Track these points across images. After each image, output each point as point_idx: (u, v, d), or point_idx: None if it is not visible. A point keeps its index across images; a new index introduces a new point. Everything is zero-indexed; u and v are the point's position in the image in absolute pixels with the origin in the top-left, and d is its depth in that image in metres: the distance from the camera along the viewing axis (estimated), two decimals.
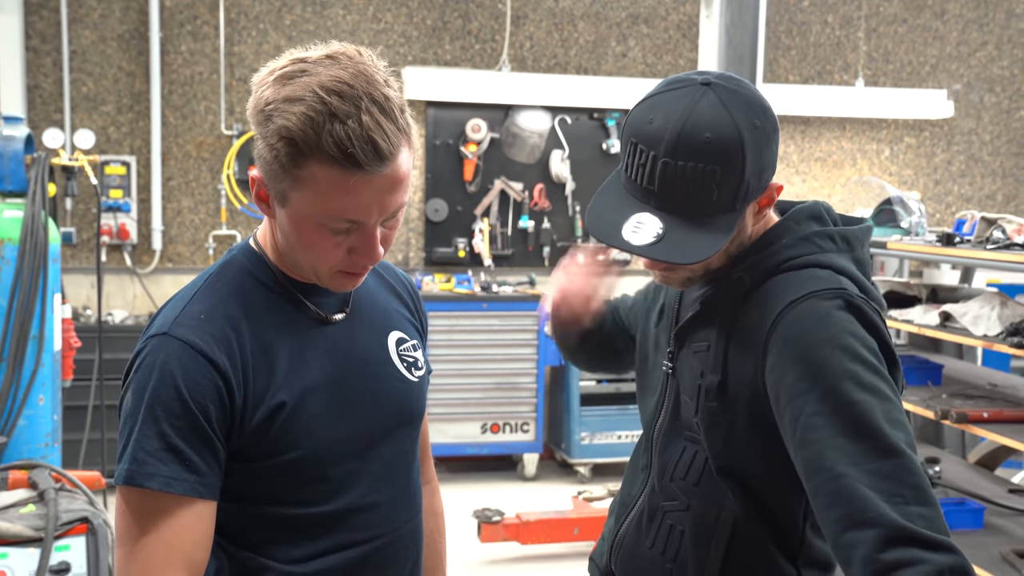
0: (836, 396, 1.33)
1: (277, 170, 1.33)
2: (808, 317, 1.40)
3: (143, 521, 1.34)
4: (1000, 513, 3.44)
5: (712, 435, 1.51)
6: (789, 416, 1.36)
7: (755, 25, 4.83)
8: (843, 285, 1.44)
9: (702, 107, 1.40)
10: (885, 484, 1.26)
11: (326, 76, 1.30)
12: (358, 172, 1.30)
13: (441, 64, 6.59)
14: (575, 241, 6.73)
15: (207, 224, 6.35)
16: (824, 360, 1.36)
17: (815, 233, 1.52)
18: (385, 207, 1.35)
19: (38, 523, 2.94)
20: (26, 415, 3.48)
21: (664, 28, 6.90)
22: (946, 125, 7.40)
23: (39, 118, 6.04)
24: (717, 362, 1.49)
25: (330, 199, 1.32)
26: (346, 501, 1.47)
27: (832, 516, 1.29)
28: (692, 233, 1.41)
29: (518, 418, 6.23)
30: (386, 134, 1.30)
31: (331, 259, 1.39)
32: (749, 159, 1.40)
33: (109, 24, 6.11)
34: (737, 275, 1.49)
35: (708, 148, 1.38)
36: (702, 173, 1.39)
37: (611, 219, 1.45)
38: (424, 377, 1.62)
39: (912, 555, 1.21)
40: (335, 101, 1.28)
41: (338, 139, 1.27)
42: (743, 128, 1.40)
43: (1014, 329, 3.25)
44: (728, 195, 1.41)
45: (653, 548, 1.58)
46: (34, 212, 3.52)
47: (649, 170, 1.41)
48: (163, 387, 1.34)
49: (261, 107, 1.33)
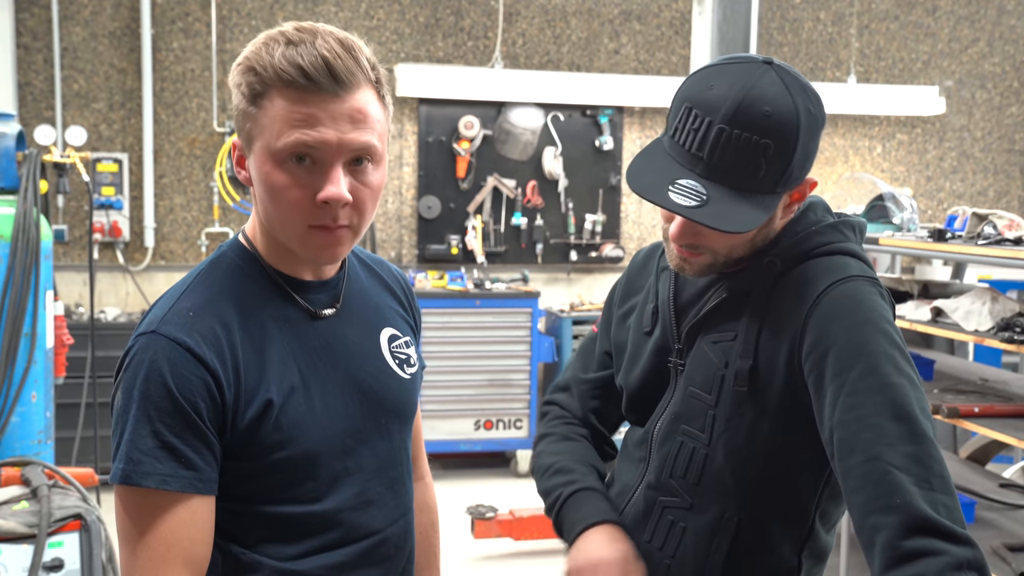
0: (877, 376, 1.35)
1: (243, 111, 1.36)
2: (849, 299, 1.42)
3: (141, 520, 1.34)
4: (991, 508, 3.45)
5: (735, 425, 1.49)
6: (830, 395, 1.37)
7: (747, 22, 4.84)
8: (875, 275, 1.48)
9: (764, 83, 1.41)
10: (916, 468, 1.28)
11: (292, 28, 1.36)
12: (312, 91, 1.31)
13: (434, 61, 6.59)
14: (568, 238, 6.74)
15: (199, 221, 6.34)
16: (866, 340, 1.37)
17: (841, 223, 1.54)
18: (345, 140, 1.34)
19: (31, 520, 2.94)
20: (19, 412, 3.47)
21: (656, 25, 6.90)
22: (938, 122, 7.42)
23: (30, 115, 6.02)
24: (748, 348, 1.48)
25: (286, 125, 1.32)
26: (338, 499, 1.47)
27: (860, 498, 1.30)
28: (735, 205, 1.40)
29: (511, 414, 6.24)
30: (343, 61, 1.33)
31: (298, 207, 1.35)
32: (800, 143, 1.41)
33: (100, 21, 6.10)
34: (768, 260, 1.49)
35: (766, 122, 1.38)
36: (756, 146, 1.39)
37: (653, 179, 1.44)
38: (416, 374, 1.62)
39: (933, 545, 1.24)
40: (292, 31, 1.34)
41: (291, 58, 1.31)
42: (801, 111, 1.41)
43: (1005, 324, 3.26)
44: (773, 175, 1.41)
45: (651, 542, 1.57)
46: (26, 209, 3.51)
47: (702, 136, 1.40)
48: (152, 385, 1.33)
49: (235, 64, 1.38)
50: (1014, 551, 3.02)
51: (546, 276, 6.81)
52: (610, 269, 6.81)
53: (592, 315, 6.32)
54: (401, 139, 6.56)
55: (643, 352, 1.66)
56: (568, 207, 6.75)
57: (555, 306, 6.65)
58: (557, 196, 6.74)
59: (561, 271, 6.83)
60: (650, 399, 1.65)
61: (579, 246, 6.78)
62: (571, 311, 6.46)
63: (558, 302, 6.76)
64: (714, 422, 1.51)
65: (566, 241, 6.76)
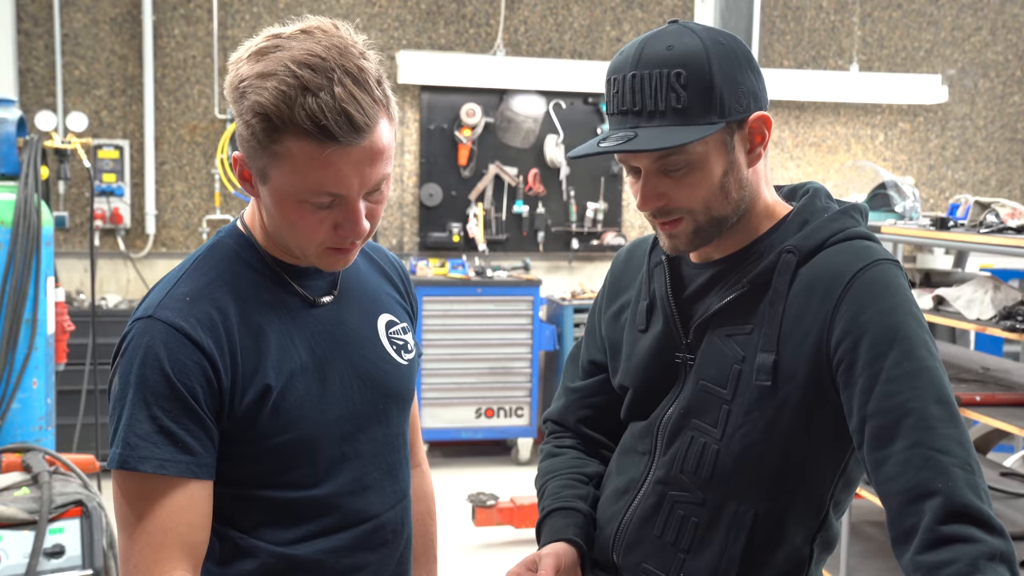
0: (914, 360, 1.35)
1: (255, 147, 1.33)
2: (878, 283, 1.41)
3: (138, 505, 1.34)
4: (992, 496, 3.45)
5: (753, 418, 1.47)
6: (862, 382, 1.36)
7: (750, 9, 4.83)
8: (896, 257, 1.47)
9: (664, 30, 1.47)
10: (959, 451, 1.29)
11: (299, 50, 1.30)
12: (333, 144, 1.29)
13: (435, 48, 6.57)
14: (570, 226, 6.74)
15: (201, 208, 6.34)
16: (900, 324, 1.37)
17: (851, 207, 1.53)
18: (366, 180, 1.34)
19: (32, 506, 2.94)
20: (20, 399, 3.48)
21: (659, 12, 6.88)
22: (940, 110, 7.40)
23: (31, 101, 6.02)
24: (770, 341, 1.45)
25: (308, 173, 1.31)
26: (336, 484, 1.47)
27: (899, 485, 1.30)
28: (664, 132, 1.41)
29: (512, 403, 6.24)
30: (360, 106, 1.29)
31: (316, 236, 1.38)
32: (715, 66, 1.42)
33: (101, 7, 6.08)
34: (788, 250, 1.48)
35: (670, 54, 1.42)
36: (666, 77, 1.41)
37: (586, 145, 1.48)
38: (414, 360, 1.62)
39: (970, 533, 1.25)
40: (307, 74, 1.28)
41: (311, 112, 1.27)
42: (706, 41, 1.43)
43: (1007, 313, 3.25)
44: (698, 101, 1.41)
45: (662, 537, 1.55)
46: (27, 195, 3.51)
47: (620, 91, 1.45)
48: (149, 370, 1.34)
49: (236, 84, 1.33)
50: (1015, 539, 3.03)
51: (547, 264, 6.80)
52: (611, 257, 6.77)
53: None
54: (403, 126, 6.54)
55: (641, 350, 1.63)
56: (570, 195, 6.74)
57: (556, 294, 6.65)
58: (559, 184, 6.73)
59: (562, 259, 6.82)
60: (655, 396, 1.62)
61: (580, 234, 6.77)
62: (572, 299, 6.46)
63: (559, 290, 6.75)
64: (728, 416, 1.49)
65: (567, 229, 6.76)
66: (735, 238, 1.53)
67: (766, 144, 1.50)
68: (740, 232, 1.52)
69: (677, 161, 1.43)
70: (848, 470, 1.51)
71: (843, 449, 1.47)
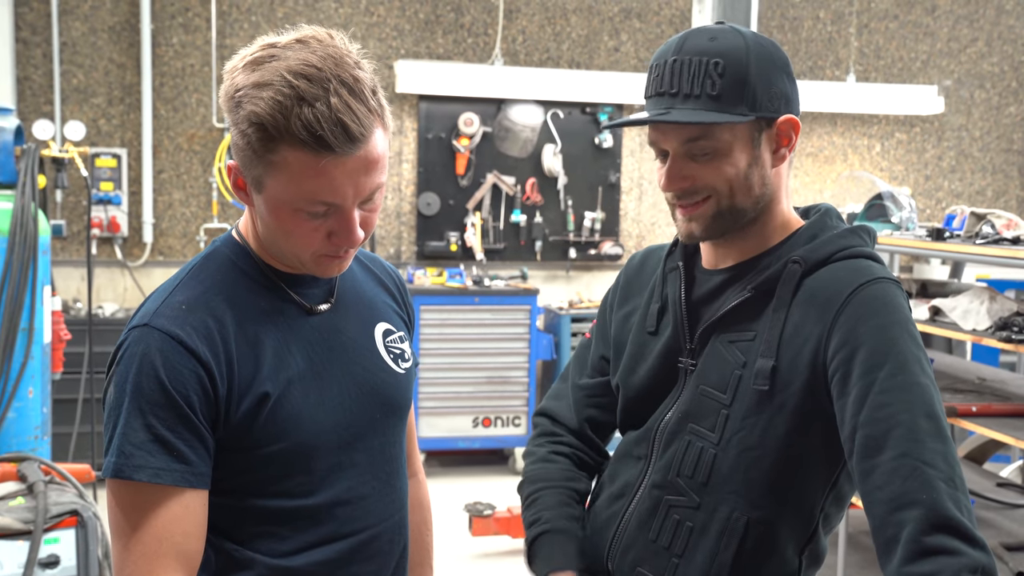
0: (906, 375, 1.38)
1: (250, 156, 1.33)
2: (878, 300, 1.44)
3: (133, 514, 1.34)
4: (989, 507, 3.45)
5: (750, 424, 1.49)
6: (855, 393, 1.39)
7: (747, 20, 4.84)
8: (896, 278, 1.51)
9: (712, 25, 1.54)
10: (944, 466, 1.32)
11: (294, 60, 1.31)
12: (329, 154, 1.30)
13: (433, 58, 6.58)
14: (567, 235, 6.74)
15: (198, 217, 6.34)
16: (895, 340, 1.40)
17: (859, 228, 1.58)
18: (361, 189, 1.35)
19: (27, 516, 2.93)
20: (15, 408, 3.47)
21: (656, 23, 6.90)
22: (936, 121, 7.42)
23: (29, 110, 6.02)
24: (771, 347, 1.49)
25: (303, 183, 1.32)
26: (332, 493, 1.47)
27: (885, 494, 1.32)
28: (697, 113, 1.48)
29: (510, 412, 6.24)
30: (356, 116, 1.30)
31: (311, 244, 1.39)
32: (754, 63, 1.48)
33: (100, 16, 6.09)
34: (794, 260, 1.51)
35: (712, 44, 1.49)
36: (706, 64, 1.48)
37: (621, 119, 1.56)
38: (411, 369, 1.62)
39: (953, 545, 1.27)
40: (303, 84, 1.28)
41: (307, 122, 1.28)
42: (748, 39, 1.50)
43: (1003, 324, 3.26)
44: (732, 90, 1.47)
45: (657, 541, 1.57)
46: (24, 204, 3.51)
47: (660, 76, 1.51)
48: (145, 379, 1.33)
49: (231, 94, 1.33)
50: (1011, 550, 3.02)
51: (545, 273, 6.81)
52: (609, 267, 6.80)
53: (591, 312, 6.31)
54: (401, 136, 6.55)
55: (648, 352, 1.65)
56: (567, 204, 6.74)
57: (554, 303, 6.65)
58: (556, 193, 6.74)
59: (560, 268, 6.83)
60: (652, 400, 1.64)
61: (578, 243, 6.78)
62: (570, 308, 6.46)
63: (557, 299, 6.75)
64: (727, 421, 1.51)
65: (565, 238, 6.76)
66: (749, 245, 1.57)
67: (792, 147, 1.57)
68: (754, 239, 1.57)
69: (704, 146, 1.49)
70: (839, 484, 1.54)
71: (835, 461, 1.49)
